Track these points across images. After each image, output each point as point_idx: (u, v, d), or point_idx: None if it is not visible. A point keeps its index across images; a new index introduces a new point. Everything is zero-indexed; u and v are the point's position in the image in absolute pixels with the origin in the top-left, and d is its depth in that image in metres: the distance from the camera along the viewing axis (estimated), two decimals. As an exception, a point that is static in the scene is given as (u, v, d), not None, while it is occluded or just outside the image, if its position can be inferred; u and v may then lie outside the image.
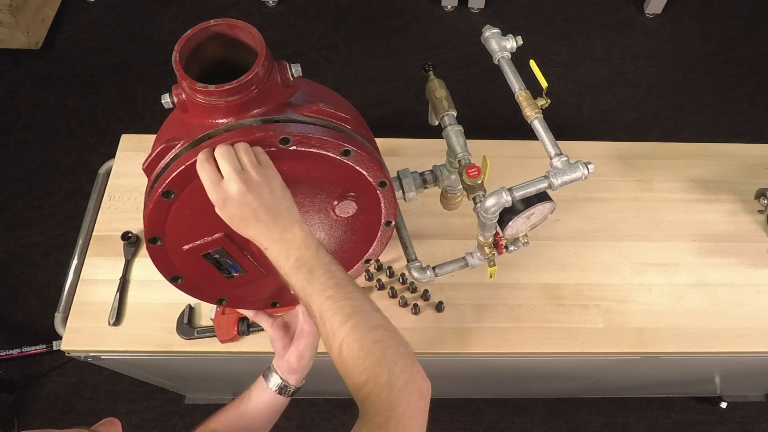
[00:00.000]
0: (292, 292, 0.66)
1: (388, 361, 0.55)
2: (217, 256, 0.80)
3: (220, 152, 0.64)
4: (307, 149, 0.72)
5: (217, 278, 0.85)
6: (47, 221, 2.15)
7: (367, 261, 0.98)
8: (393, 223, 0.91)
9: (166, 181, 0.70)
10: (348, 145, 0.74)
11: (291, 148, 0.71)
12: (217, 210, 0.66)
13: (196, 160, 0.66)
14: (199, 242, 0.78)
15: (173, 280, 0.83)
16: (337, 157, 0.75)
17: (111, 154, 1.37)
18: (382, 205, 0.87)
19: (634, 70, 2.57)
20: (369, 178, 0.80)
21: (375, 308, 0.62)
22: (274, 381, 0.85)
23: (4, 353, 1.83)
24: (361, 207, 0.84)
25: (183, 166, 0.69)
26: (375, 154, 0.81)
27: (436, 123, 0.99)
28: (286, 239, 0.64)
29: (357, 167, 0.78)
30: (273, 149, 0.70)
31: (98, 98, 2.45)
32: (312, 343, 0.85)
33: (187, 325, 1.15)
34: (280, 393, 0.84)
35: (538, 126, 0.85)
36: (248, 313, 0.92)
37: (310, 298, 0.61)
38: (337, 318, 0.58)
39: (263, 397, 0.85)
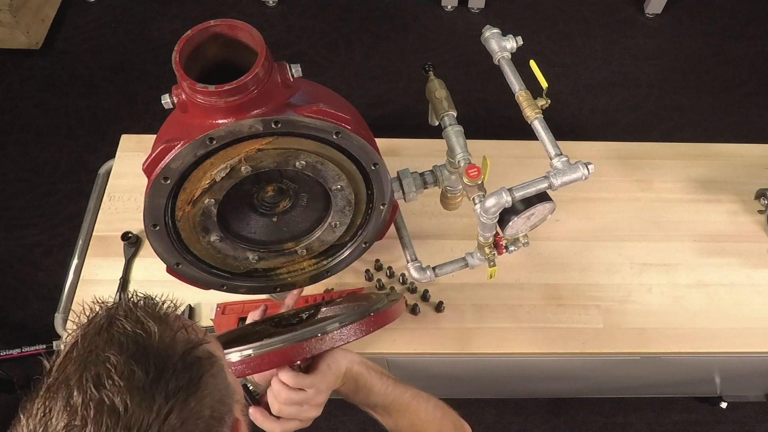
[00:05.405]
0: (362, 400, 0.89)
1: (447, 413, 0.89)
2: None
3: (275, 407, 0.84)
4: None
5: None
6: (47, 221, 2.15)
7: None
8: None
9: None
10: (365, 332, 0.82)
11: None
12: None
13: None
14: None
15: None
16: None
17: (111, 154, 1.37)
18: None
19: (634, 70, 2.57)
20: None
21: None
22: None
23: (4, 353, 1.83)
24: None
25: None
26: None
27: (436, 123, 0.99)
28: (349, 388, 0.88)
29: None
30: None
31: (98, 98, 2.45)
32: None
33: (187, 325, 1.15)
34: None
35: (538, 126, 0.85)
36: (255, 314, 0.95)
37: (385, 402, 0.87)
38: (410, 397, 0.87)
39: None
